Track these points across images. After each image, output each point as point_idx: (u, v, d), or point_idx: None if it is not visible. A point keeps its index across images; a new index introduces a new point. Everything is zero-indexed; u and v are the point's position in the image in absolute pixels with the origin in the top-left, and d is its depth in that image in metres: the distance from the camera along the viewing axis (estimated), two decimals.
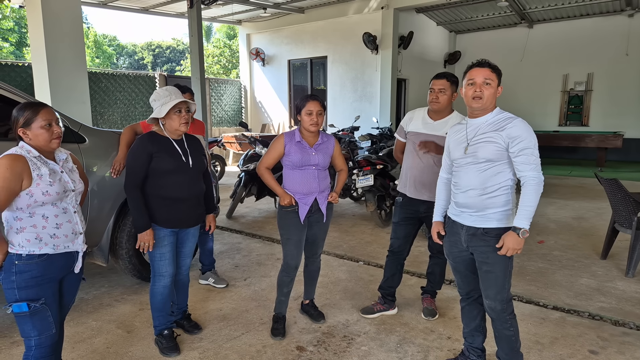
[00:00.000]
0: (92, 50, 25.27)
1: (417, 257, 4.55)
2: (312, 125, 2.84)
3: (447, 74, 3.09)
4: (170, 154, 2.63)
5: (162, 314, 2.81)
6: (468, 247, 2.40)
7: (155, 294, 2.77)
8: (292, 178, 2.93)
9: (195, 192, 2.76)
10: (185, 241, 2.86)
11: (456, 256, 2.50)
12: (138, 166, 2.56)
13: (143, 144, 2.58)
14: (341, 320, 3.28)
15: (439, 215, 2.63)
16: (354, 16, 11.20)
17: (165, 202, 2.64)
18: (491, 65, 2.25)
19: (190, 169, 2.70)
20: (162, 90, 2.62)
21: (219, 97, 13.26)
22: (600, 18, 12.08)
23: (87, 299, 3.60)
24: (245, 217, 6.41)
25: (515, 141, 2.16)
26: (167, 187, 2.62)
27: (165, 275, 2.74)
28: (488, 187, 2.27)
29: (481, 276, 2.39)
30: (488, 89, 2.20)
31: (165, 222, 2.66)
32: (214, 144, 9.23)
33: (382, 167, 5.80)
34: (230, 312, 3.39)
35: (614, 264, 4.43)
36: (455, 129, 2.49)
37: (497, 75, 2.23)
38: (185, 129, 2.65)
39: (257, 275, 4.13)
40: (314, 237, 3.08)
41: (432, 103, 3.05)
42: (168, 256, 2.72)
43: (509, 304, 2.37)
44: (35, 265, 1.94)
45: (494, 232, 2.28)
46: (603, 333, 3.08)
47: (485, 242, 2.31)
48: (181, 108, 2.61)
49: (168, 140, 2.64)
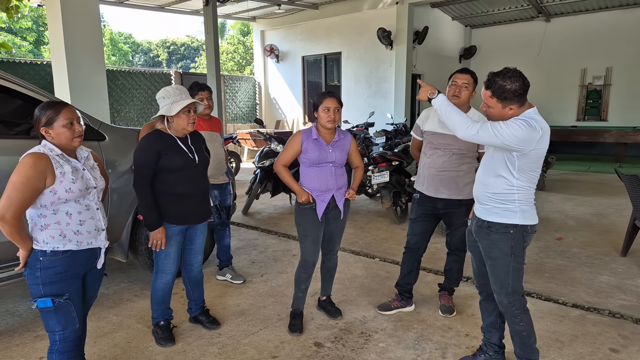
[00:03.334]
0: (108, 48, 25.57)
1: (433, 254, 4.53)
2: (329, 122, 2.84)
3: (471, 70, 3.06)
4: (178, 152, 2.65)
5: (161, 307, 2.87)
6: (476, 238, 2.46)
7: (156, 289, 2.82)
8: (309, 175, 2.93)
9: (203, 187, 2.79)
10: (194, 238, 2.89)
11: (471, 245, 2.57)
12: (147, 164, 2.57)
13: (150, 142, 2.60)
14: (358, 316, 3.28)
15: None
16: (369, 11, 11.13)
17: (174, 198, 2.66)
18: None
19: (197, 165, 2.73)
20: (172, 89, 2.62)
21: (233, 94, 13.32)
22: (620, 11, 11.79)
23: (107, 294, 3.66)
24: (261, 214, 6.44)
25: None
26: (176, 183, 2.65)
27: (168, 273, 2.79)
28: (490, 183, 2.33)
29: (488, 270, 2.43)
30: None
31: (174, 219, 2.69)
32: (229, 140, 9.25)
33: (398, 164, 5.77)
34: (248, 308, 3.41)
35: (634, 261, 4.37)
36: None
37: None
38: (192, 129, 2.68)
39: (273, 272, 4.15)
40: (331, 233, 3.08)
41: (454, 97, 3.01)
42: (173, 255, 2.76)
43: (516, 298, 2.37)
44: (59, 261, 1.98)
45: (496, 227, 2.31)
46: (624, 331, 3.04)
47: (487, 235, 2.36)
48: (190, 108, 2.63)
49: (173, 139, 2.66)
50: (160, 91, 2.65)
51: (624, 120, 12.01)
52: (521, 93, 2.17)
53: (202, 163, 2.77)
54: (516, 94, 2.16)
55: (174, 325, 3.01)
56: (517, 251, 2.31)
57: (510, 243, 2.30)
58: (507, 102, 2.19)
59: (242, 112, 13.64)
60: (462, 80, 2.99)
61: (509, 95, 2.17)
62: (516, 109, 2.21)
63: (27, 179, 1.86)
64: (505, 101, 2.19)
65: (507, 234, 2.31)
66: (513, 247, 2.31)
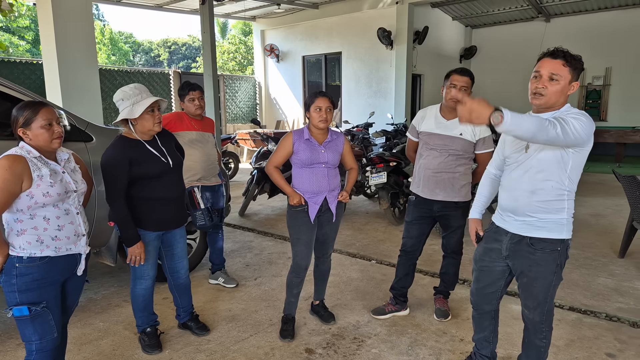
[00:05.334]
0: (107, 48, 25.54)
1: (430, 256, 4.46)
2: (320, 122, 2.78)
3: (469, 71, 3.00)
4: (150, 158, 2.53)
5: (145, 314, 2.79)
6: (508, 256, 2.18)
7: (136, 295, 2.73)
8: (301, 177, 2.86)
9: (180, 191, 2.71)
10: (174, 243, 2.79)
11: (485, 266, 2.29)
12: (119, 176, 2.42)
13: (119, 152, 2.44)
14: (352, 321, 3.21)
15: (477, 212, 2.46)
16: (369, 11, 11.07)
17: (149, 204, 2.56)
18: (567, 56, 1.96)
19: (171, 169, 2.62)
20: (130, 89, 2.47)
21: (233, 94, 13.26)
22: (620, 11, 11.76)
23: (95, 299, 3.60)
24: (258, 215, 6.38)
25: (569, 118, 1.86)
26: (151, 189, 2.54)
27: (146, 278, 2.70)
28: (538, 190, 2.04)
29: (521, 286, 2.20)
30: (553, 84, 1.95)
31: (150, 225, 2.59)
32: (227, 141, 9.22)
33: (396, 164, 5.71)
34: (240, 313, 3.35)
35: (632, 263, 4.33)
36: None
37: (571, 70, 1.95)
38: (158, 128, 2.54)
39: (268, 275, 4.09)
40: (324, 236, 3.01)
41: (452, 100, 2.94)
42: (151, 261, 2.68)
43: (549, 316, 2.19)
44: (36, 268, 1.92)
45: (542, 243, 2.04)
46: (621, 335, 2.99)
47: (530, 253, 2.08)
48: (154, 107, 2.49)
49: (142, 144, 2.52)
50: (117, 93, 2.46)
51: (623, 120, 11.95)
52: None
53: (176, 165, 2.65)
54: (582, 69, 1.99)
55: (161, 331, 2.93)
56: (560, 269, 2.08)
57: (557, 262, 2.05)
58: (576, 74, 1.96)
59: (242, 112, 13.59)
60: (461, 83, 2.92)
61: (579, 67, 1.96)
62: (576, 89, 2.00)
63: (2, 182, 1.80)
64: (575, 72, 1.95)
65: (554, 252, 2.04)
66: (559, 265, 2.06)
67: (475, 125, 1.79)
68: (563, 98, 2.00)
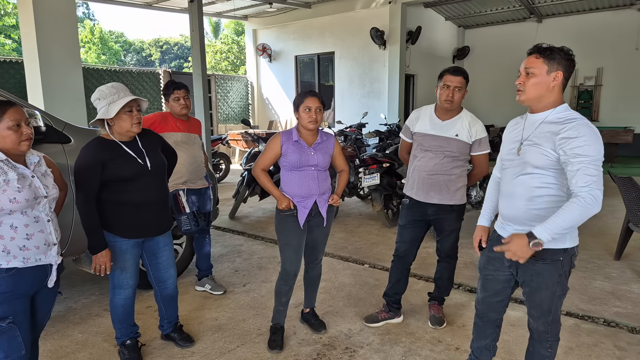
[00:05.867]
0: (97, 47, 25.20)
1: (424, 260, 4.36)
2: (310, 123, 2.66)
3: (463, 70, 2.90)
4: (125, 159, 2.38)
5: (124, 325, 2.64)
6: (510, 266, 2.08)
7: (116, 306, 2.58)
8: (290, 180, 2.74)
9: (160, 196, 2.54)
10: (158, 252, 2.64)
11: (490, 275, 2.19)
12: (89, 179, 2.28)
13: (91, 153, 2.30)
14: (343, 329, 3.10)
15: (486, 219, 2.33)
16: (362, 11, 10.99)
17: (126, 209, 2.41)
18: (540, 49, 1.93)
19: (150, 171, 2.45)
20: (107, 88, 2.34)
21: (225, 94, 13.11)
22: (610, 12, 11.86)
23: (75, 308, 3.44)
24: (249, 218, 6.25)
25: (569, 147, 1.78)
26: (127, 193, 2.40)
27: (126, 288, 2.55)
28: (535, 198, 1.93)
29: (525, 295, 2.11)
30: (529, 78, 1.90)
31: (128, 232, 2.44)
32: (218, 141, 9.08)
33: (389, 165, 5.61)
34: (227, 322, 3.21)
35: (628, 265, 4.28)
36: (514, 122, 2.18)
37: (545, 61, 1.88)
38: (137, 129, 2.40)
39: (257, 281, 3.96)
40: (314, 241, 2.90)
41: (446, 102, 2.84)
42: (130, 270, 2.52)
43: (555, 326, 2.10)
44: (2, 280, 1.78)
45: (542, 253, 1.90)
46: (619, 342, 2.92)
47: (530, 264, 1.96)
48: (132, 107, 2.36)
49: (118, 145, 2.39)
50: (94, 92, 2.36)
51: (615, 120, 12.02)
52: (571, 61, 1.87)
53: (156, 168, 2.49)
54: (567, 58, 1.87)
55: (142, 343, 2.79)
56: (564, 279, 1.98)
57: (558, 272, 1.96)
58: (554, 65, 1.86)
59: (234, 113, 13.43)
60: (455, 84, 2.82)
61: (558, 57, 1.86)
62: (560, 80, 1.87)
63: None
64: (552, 62, 1.86)
65: (556, 262, 1.95)
66: (562, 275, 1.97)
67: (522, 258, 1.84)
68: (548, 92, 1.90)
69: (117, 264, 2.47)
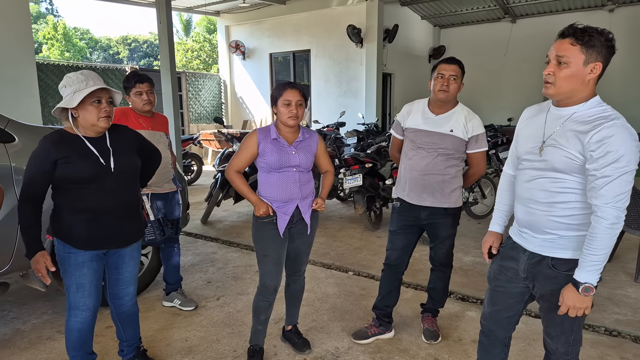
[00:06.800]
0: (61, 44, 24.10)
1: (412, 265, 4.06)
2: (290, 119, 2.34)
3: (458, 60, 2.65)
4: (83, 157, 2.04)
5: (80, 354, 2.25)
6: (527, 277, 1.83)
7: (70, 329, 2.19)
8: (268, 183, 2.42)
9: (123, 202, 2.17)
10: (121, 265, 2.28)
11: (501, 286, 1.94)
12: (34, 176, 2.00)
13: (45, 148, 2.00)
14: (330, 348, 2.79)
15: (498, 224, 2.06)
16: (338, 8, 10.75)
17: (82, 216, 2.07)
18: (577, 32, 1.59)
19: (112, 174, 2.10)
20: (76, 75, 2.03)
21: (196, 92, 12.64)
22: (582, 13, 11.96)
23: (24, 330, 3.01)
24: (223, 222, 5.87)
25: (600, 152, 1.54)
26: (83, 197, 2.06)
27: (83, 309, 2.17)
28: (557, 204, 1.70)
29: (542, 311, 1.86)
30: (562, 69, 1.62)
31: (84, 243, 2.09)
32: (189, 141, 8.66)
33: (371, 166, 5.34)
34: (198, 343, 2.85)
35: (620, 267, 4.20)
36: (530, 112, 1.92)
37: (583, 48, 1.58)
38: (105, 124, 2.07)
39: (232, 293, 3.60)
40: (296, 251, 2.58)
41: (441, 92, 2.60)
42: (88, 287, 2.14)
43: (576, 346, 1.84)
44: None
45: (566, 265, 1.70)
46: (626, 353, 2.76)
47: (552, 276, 1.73)
48: (101, 98, 2.04)
49: (79, 140, 2.07)
50: (63, 79, 2.04)
51: None
52: (611, 47, 1.59)
53: (121, 170, 2.14)
54: (608, 45, 1.58)
55: None
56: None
57: None
58: (592, 54, 1.57)
59: (206, 112, 12.97)
60: (450, 72, 2.59)
61: (598, 45, 1.57)
62: (598, 72, 1.59)
63: None
64: (590, 51, 1.57)
65: None
66: None
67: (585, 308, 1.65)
68: (582, 86, 1.63)
69: (72, 279, 2.11)
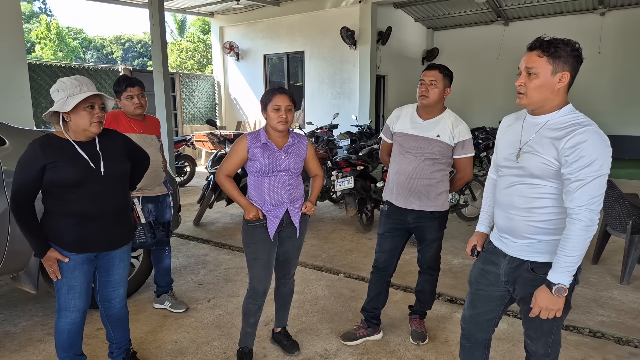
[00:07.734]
0: (54, 44, 23.94)
1: (401, 267, 4.12)
2: (280, 124, 2.37)
3: (441, 65, 2.68)
4: (72, 162, 2.07)
5: (69, 355, 2.28)
6: (507, 281, 1.87)
7: (60, 331, 2.23)
8: (258, 187, 2.45)
9: (114, 205, 2.21)
10: (111, 268, 2.31)
11: (482, 290, 1.98)
12: (24, 182, 2.02)
13: (34, 153, 2.02)
14: (318, 350, 2.82)
15: (483, 225, 2.12)
16: (332, 10, 10.77)
17: (72, 220, 2.10)
18: (543, 45, 1.67)
19: (102, 178, 2.13)
20: (70, 80, 2.07)
21: (190, 93, 12.63)
22: (573, 16, 12.11)
23: (14, 332, 3.02)
24: (215, 224, 5.89)
25: (574, 157, 1.59)
26: (72, 201, 2.08)
27: (72, 310, 2.20)
28: (535, 210, 1.74)
29: (522, 314, 1.90)
30: (532, 80, 1.68)
31: (74, 246, 2.12)
32: (182, 143, 8.66)
33: (363, 168, 5.38)
34: (188, 345, 2.88)
35: (606, 269, 4.24)
36: (509, 120, 1.95)
37: (549, 59, 1.64)
38: (97, 129, 2.11)
39: (223, 295, 3.62)
40: (285, 255, 2.61)
41: (421, 97, 2.66)
42: (79, 289, 2.18)
43: (555, 348, 1.88)
44: None
45: (545, 268, 1.73)
46: (608, 354, 2.81)
47: (531, 280, 1.77)
48: (94, 103, 2.07)
49: (70, 145, 2.09)
50: (55, 83, 2.07)
51: None
52: (578, 57, 1.65)
53: (111, 174, 2.17)
54: (574, 55, 1.64)
55: None
56: (568, 297, 1.77)
57: None
58: (559, 64, 1.64)
59: (200, 113, 12.96)
60: (429, 78, 2.64)
61: (564, 55, 1.63)
62: (566, 81, 1.65)
63: None
64: (557, 61, 1.63)
65: None
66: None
67: (557, 310, 1.68)
68: (552, 95, 1.69)
69: (63, 281, 2.14)
